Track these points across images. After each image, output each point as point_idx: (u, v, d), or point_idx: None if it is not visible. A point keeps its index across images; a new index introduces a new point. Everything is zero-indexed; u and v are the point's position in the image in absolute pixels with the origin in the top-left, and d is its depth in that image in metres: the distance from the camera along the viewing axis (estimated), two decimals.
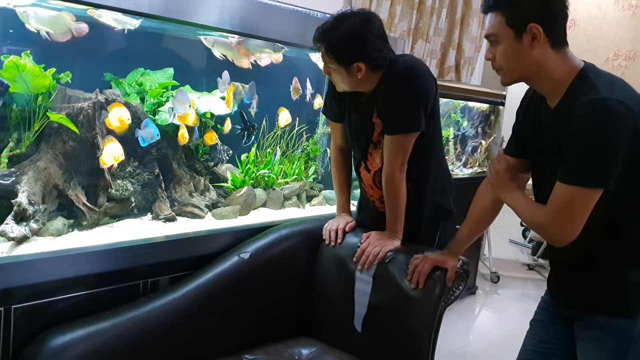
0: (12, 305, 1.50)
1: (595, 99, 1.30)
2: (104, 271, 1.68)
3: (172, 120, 2.02)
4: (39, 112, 1.69)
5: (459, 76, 4.30)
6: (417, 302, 1.75)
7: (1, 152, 1.66)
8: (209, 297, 1.78)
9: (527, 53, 1.39)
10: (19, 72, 1.59)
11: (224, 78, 2.18)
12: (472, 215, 1.74)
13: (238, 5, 1.95)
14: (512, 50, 1.41)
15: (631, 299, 1.43)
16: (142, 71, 2.04)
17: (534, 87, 1.51)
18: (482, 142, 4.18)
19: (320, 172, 2.72)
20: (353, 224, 2.03)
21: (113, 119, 1.80)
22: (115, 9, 1.69)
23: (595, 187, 1.32)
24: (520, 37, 1.38)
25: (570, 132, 1.33)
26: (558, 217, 1.38)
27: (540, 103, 1.50)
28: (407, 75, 1.80)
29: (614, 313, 1.44)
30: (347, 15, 1.78)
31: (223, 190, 2.27)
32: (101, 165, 1.83)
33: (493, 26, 1.42)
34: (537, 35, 1.37)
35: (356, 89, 1.86)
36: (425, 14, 3.82)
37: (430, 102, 1.83)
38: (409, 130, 1.81)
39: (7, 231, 1.54)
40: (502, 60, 1.43)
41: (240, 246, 1.95)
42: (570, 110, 1.35)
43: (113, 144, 1.84)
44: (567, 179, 1.34)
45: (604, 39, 5.23)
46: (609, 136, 1.30)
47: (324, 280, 2.01)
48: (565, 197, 1.35)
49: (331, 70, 1.81)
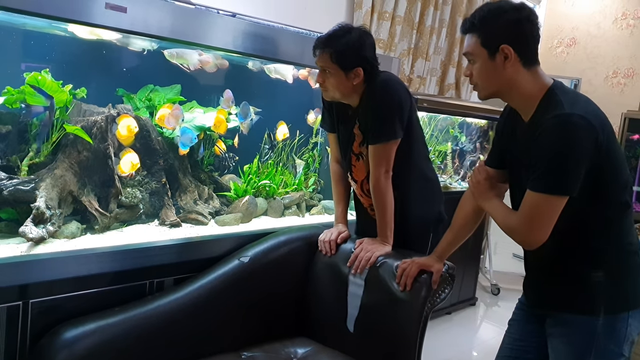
0: (30, 299, 1.62)
1: (560, 114, 1.42)
2: (113, 271, 1.79)
3: None
4: (57, 125, 1.84)
5: (458, 93, 4.41)
6: (404, 303, 1.85)
7: (22, 161, 1.80)
8: (211, 297, 1.89)
9: (500, 71, 1.50)
10: (40, 87, 1.74)
11: (227, 96, 2.31)
12: (456, 222, 1.83)
13: (241, 28, 2.08)
14: (486, 68, 1.52)
15: (592, 298, 1.52)
16: (152, 87, 2.18)
17: (508, 102, 1.62)
18: (480, 156, 4.27)
19: (320, 183, 2.83)
20: (346, 234, 2.12)
21: (122, 128, 1.94)
22: (130, 32, 1.82)
23: (559, 195, 1.43)
24: (493, 56, 1.50)
25: (538, 144, 1.44)
26: (527, 222, 1.48)
27: (516, 117, 1.60)
28: (382, 89, 1.95)
29: (578, 311, 1.54)
30: (350, 27, 1.97)
31: (226, 198, 2.38)
32: (120, 173, 1.97)
33: (470, 46, 1.54)
34: (508, 55, 1.48)
35: (345, 98, 2.00)
36: (425, 33, 3.95)
37: (404, 113, 1.96)
38: (387, 139, 1.94)
39: (27, 232, 1.66)
40: (478, 77, 1.55)
41: (241, 250, 2.06)
42: (537, 125, 1.46)
43: (131, 154, 1.99)
44: (535, 186, 1.45)
45: (603, 57, 5.33)
46: (572, 147, 1.41)
47: (319, 283, 2.11)
48: (534, 204, 1.46)
49: (328, 76, 1.95)
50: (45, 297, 1.66)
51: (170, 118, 2.11)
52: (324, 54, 1.92)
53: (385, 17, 3.56)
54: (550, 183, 1.43)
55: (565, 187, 1.43)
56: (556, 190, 1.43)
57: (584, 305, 1.54)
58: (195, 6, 1.99)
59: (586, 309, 1.53)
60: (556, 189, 1.43)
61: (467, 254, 3.92)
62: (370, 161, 1.98)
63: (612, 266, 1.54)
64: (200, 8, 2.02)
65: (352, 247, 2.06)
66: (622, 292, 1.55)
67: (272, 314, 2.08)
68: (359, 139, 2.03)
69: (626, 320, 1.53)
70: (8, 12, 1.56)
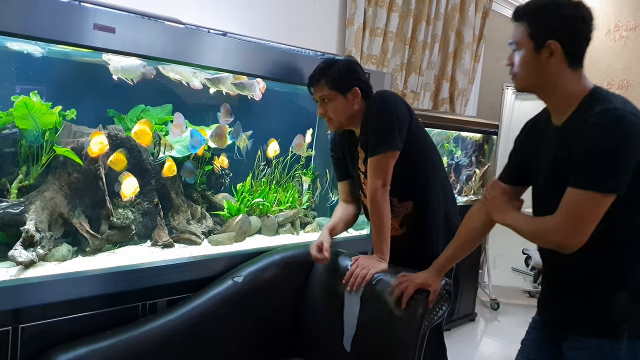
0: (20, 324, 1.59)
1: (610, 108, 1.35)
2: (105, 293, 1.76)
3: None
4: (46, 147, 1.82)
5: (453, 107, 4.42)
6: (401, 322, 1.81)
7: (11, 184, 1.79)
8: (204, 319, 1.87)
9: (543, 66, 1.44)
10: (29, 111, 1.73)
11: (224, 110, 2.30)
12: (459, 236, 1.78)
13: (232, 46, 2.08)
14: (528, 60, 1.46)
15: (617, 320, 1.44)
16: (143, 107, 2.18)
17: (544, 99, 1.54)
18: (476, 170, 4.27)
19: (314, 201, 2.81)
20: (327, 245, 2.06)
21: (94, 145, 1.88)
22: (119, 53, 1.82)
23: (608, 193, 1.34)
24: (538, 50, 1.43)
25: (585, 139, 1.35)
26: (568, 221, 1.38)
27: (543, 125, 1.57)
28: (378, 103, 1.98)
29: (601, 334, 1.45)
30: (334, 59, 2.06)
31: (219, 217, 2.37)
32: (122, 198, 1.98)
33: (516, 35, 1.49)
34: (554, 51, 1.41)
35: (350, 122, 2.03)
36: (417, 48, 3.96)
37: (403, 124, 1.96)
38: (384, 149, 1.92)
39: (16, 256, 1.64)
40: (519, 67, 1.49)
41: (234, 270, 2.04)
42: (582, 120, 1.39)
43: (130, 179, 1.99)
44: (580, 184, 1.36)
45: (597, 69, 5.36)
46: (624, 142, 1.33)
47: (314, 302, 2.09)
48: (578, 202, 1.37)
49: (328, 104, 1.99)
50: (36, 322, 1.63)
51: (174, 130, 2.12)
52: (320, 84, 1.99)
53: (377, 33, 3.57)
54: (599, 179, 1.34)
55: (615, 184, 1.34)
56: (605, 187, 1.34)
57: (608, 328, 1.45)
58: (186, 25, 1.99)
59: (610, 332, 1.44)
60: (605, 186, 1.34)
61: (466, 269, 3.91)
62: (368, 174, 1.97)
63: (638, 286, 1.46)
64: (191, 27, 2.02)
65: (347, 264, 2.03)
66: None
67: (267, 334, 2.06)
68: (362, 156, 2.03)
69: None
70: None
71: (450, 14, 4.26)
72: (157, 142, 2.11)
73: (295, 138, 2.66)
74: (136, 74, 1.99)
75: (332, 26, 3.41)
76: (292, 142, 2.65)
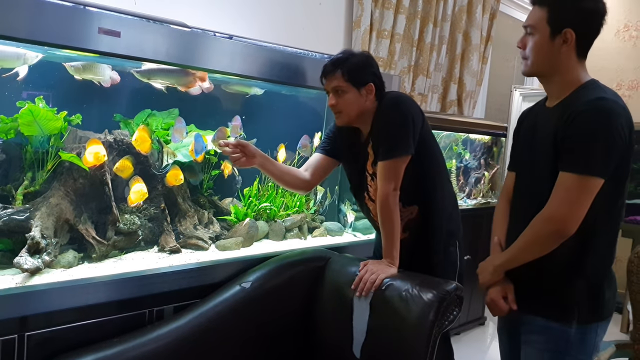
0: (26, 332, 1.58)
1: (602, 97, 1.42)
2: (111, 300, 1.74)
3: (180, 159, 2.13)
4: (52, 152, 1.81)
5: (461, 110, 4.39)
6: (412, 327, 1.78)
7: (17, 190, 1.78)
8: (212, 325, 1.85)
9: (555, 53, 1.50)
10: (34, 117, 1.71)
11: (235, 123, 2.28)
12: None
13: (238, 50, 2.06)
14: (541, 45, 1.52)
15: (570, 304, 1.52)
16: (149, 112, 2.16)
17: (545, 84, 1.61)
18: (485, 173, 4.24)
19: (320, 204, 2.79)
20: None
21: (89, 155, 1.83)
22: (125, 57, 1.78)
23: (598, 176, 1.41)
24: (554, 36, 1.49)
25: (576, 125, 1.42)
26: (564, 205, 1.44)
27: (536, 113, 1.63)
28: (393, 106, 1.94)
29: (553, 317, 1.53)
30: (352, 51, 2.01)
31: (226, 222, 2.35)
32: (129, 204, 1.95)
33: (534, 18, 1.53)
34: (569, 40, 1.48)
35: (360, 118, 1.99)
36: (425, 50, 3.93)
37: (416, 129, 1.93)
38: (397, 154, 1.90)
39: (22, 263, 1.62)
40: (531, 51, 1.55)
41: (242, 276, 2.01)
42: (574, 106, 1.45)
43: (139, 184, 1.96)
44: (573, 168, 1.43)
45: (607, 70, 5.30)
46: (613, 129, 1.40)
47: (323, 308, 2.06)
48: (571, 185, 1.43)
49: (341, 95, 1.94)
50: (42, 330, 1.61)
51: (175, 134, 2.09)
52: (336, 74, 1.93)
53: (384, 35, 3.55)
54: (590, 164, 1.41)
55: (604, 169, 1.41)
56: (596, 171, 1.41)
57: (561, 311, 1.53)
58: (191, 29, 1.97)
59: (562, 316, 1.52)
60: (596, 170, 1.41)
61: (474, 273, 3.85)
62: (378, 178, 1.94)
63: (596, 275, 1.52)
64: (196, 31, 2.01)
65: (356, 269, 2.00)
66: (598, 303, 1.53)
67: (276, 341, 2.03)
68: (372, 158, 2.00)
69: (595, 331, 1.53)
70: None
71: (457, 15, 4.23)
72: (159, 150, 2.09)
73: (301, 139, 2.63)
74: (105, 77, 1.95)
75: (339, 28, 3.39)
76: (299, 143, 2.62)
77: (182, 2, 2.55)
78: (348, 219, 2.79)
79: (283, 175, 2.08)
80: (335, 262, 2.13)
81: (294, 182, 2.10)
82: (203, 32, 2.04)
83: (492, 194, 4.26)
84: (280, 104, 2.64)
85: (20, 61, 1.75)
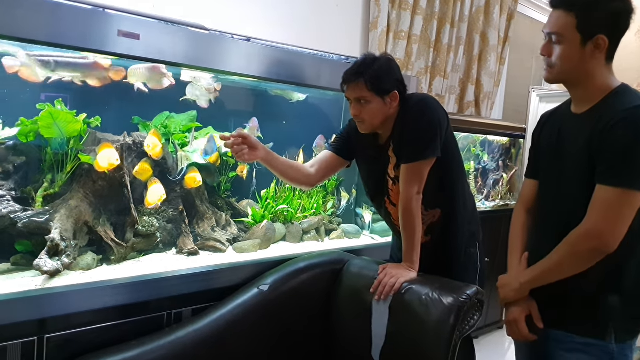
0: (45, 334, 1.58)
1: (639, 105, 1.34)
2: (130, 303, 1.74)
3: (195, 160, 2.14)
4: (71, 155, 1.82)
5: (478, 111, 4.35)
6: (432, 332, 1.76)
7: (37, 192, 1.78)
8: (230, 328, 1.84)
9: (586, 59, 1.42)
10: (53, 119, 1.72)
11: (252, 125, 2.27)
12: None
13: (256, 52, 2.05)
14: (573, 54, 1.42)
15: (606, 321, 1.45)
16: (167, 114, 2.16)
17: (572, 90, 1.53)
18: (503, 175, 4.19)
19: (337, 206, 2.78)
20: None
21: (102, 159, 1.83)
22: (144, 59, 1.81)
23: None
24: (585, 43, 1.40)
25: (615, 135, 1.34)
26: (605, 220, 1.36)
27: (564, 115, 1.55)
28: (419, 108, 1.88)
29: (589, 333, 1.46)
30: (374, 56, 1.92)
31: (244, 224, 2.34)
32: (147, 205, 1.94)
33: (560, 25, 1.43)
34: (601, 46, 1.39)
35: (383, 126, 1.95)
36: (442, 51, 3.90)
37: (442, 131, 1.89)
38: (423, 156, 1.86)
39: (41, 265, 1.63)
40: (560, 60, 1.45)
41: (260, 278, 2.01)
42: (610, 114, 1.37)
43: (157, 185, 1.96)
44: (614, 181, 1.35)
45: (629, 71, 5.20)
46: None
47: (342, 311, 2.05)
48: (613, 200, 1.35)
49: (364, 105, 1.88)
50: (61, 332, 1.62)
51: (207, 149, 2.10)
52: (358, 83, 1.86)
53: (401, 36, 3.52)
54: (634, 177, 1.33)
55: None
56: (639, 184, 1.34)
57: (597, 327, 1.46)
58: (210, 31, 1.97)
59: (598, 332, 1.45)
60: (639, 183, 1.33)
61: (493, 276, 3.81)
62: (401, 181, 1.90)
63: (629, 291, 1.45)
64: (215, 33, 2.00)
65: (375, 273, 1.98)
66: (635, 320, 1.48)
67: (293, 344, 2.02)
68: (394, 161, 1.96)
69: (630, 347, 1.47)
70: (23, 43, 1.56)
71: (474, 16, 4.19)
72: (174, 154, 2.09)
73: (317, 139, 2.61)
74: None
75: (356, 30, 3.37)
76: (314, 143, 2.60)
77: (200, 5, 2.55)
78: (365, 219, 2.76)
79: (287, 170, 2.00)
80: (353, 265, 2.11)
81: (298, 177, 2.04)
82: (221, 34, 2.04)
83: (510, 196, 4.21)
84: (297, 106, 2.62)
85: None
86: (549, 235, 1.55)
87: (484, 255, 2.08)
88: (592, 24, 1.39)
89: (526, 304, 1.59)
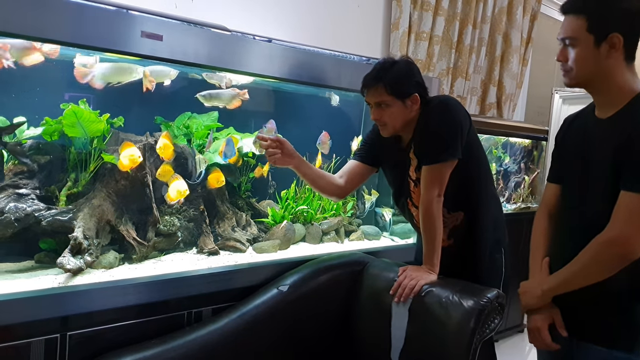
0: (68, 332, 1.60)
1: None
2: (151, 302, 1.76)
3: (216, 160, 2.15)
4: (94, 154, 1.84)
5: (500, 112, 4.30)
6: (452, 336, 1.75)
7: (60, 191, 1.81)
8: (249, 328, 1.84)
9: (602, 60, 1.40)
10: (77, 119, 1.74)
11: (270, 126, 2.27)
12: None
13: (277, 53, 2.06)
14: (587, 55, 1.41)
15: (634, 332, 1.41)
16: (189, 114, 2.18)
17: (593, 93, 1.51)
18: (525, 177, 4.15)
19: (360, 208, 2.77)
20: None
21: (124, 158, 1.84)
22: (167, 60, 1.81)
23: None
24: (599, 44, 1.40)
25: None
26: (629, 227, 1.34)
27: (585, 120, 1.53)
28: (440, 109, 1.87)
29: (615, 345, 1.43)
30: (393, 59, 1.91)
31: (264, 225, 2.35)
32: (168, 201, 1.95)
33: (572, 29, 1.43)
34: (616, 44, 1.38)
35: (404, 129, 1.94)
36: (464, 52, 3.87)
37: (464, 133, 1.88)
38: (444, 158, 1.84)
39: (64, 263, 1.65)
40: (575, 63, 1.44)
41: (279, 279, 2.01)
42: (636, 120, 1.35)
43: (179, 181, 1.97)
44: (638, 187, 1.33)
45: None
46: None
47: (361, 313, 2.04)
48: (637, 206, 1.33)
49: (384, 109, 1.88)
50: (83, 329, 1.63)
51: (226, 152, 2.11)
52: (377, 87, 1.86)
53: (423, 37, 3.51)
54: None
55: None
56: None
57: (624, 339, 1.42)
58: (232, 32, 1.98)
59: (625, 344, 1.42)
60: None
61: (513, 278, 3.77)
62: (422, 183, 1.89)
63: None
64: (237, 34, 2.01)
65: (394, 275, 1.97)
66: None
67: (313, 345, 2.01)
68: (415, 163, 1.95)
69: None
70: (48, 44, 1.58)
71: (497, 17, 4.16)
72: (193, 158, 2.10)
73: (320, 135, 2.58)
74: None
75: (377, 31, 3.36)
76: (318, 139, 2.57)
77: (221, 6, 2.57)
78: (385, 218, 2.75)
79: (318, 180, 2.03)
80: (373, 267, 2.10)
81: (329, 188, 2.06)
82: (243, 35, 2.04)
83: (532, 198, 4.16)
84: (317, 106, 2.62)
85: None
86: (571, 240, 1.52)
87: (509, 261, 2.05)
88: (603, 24, 1.39)
89: (549, 311, 1.56)
